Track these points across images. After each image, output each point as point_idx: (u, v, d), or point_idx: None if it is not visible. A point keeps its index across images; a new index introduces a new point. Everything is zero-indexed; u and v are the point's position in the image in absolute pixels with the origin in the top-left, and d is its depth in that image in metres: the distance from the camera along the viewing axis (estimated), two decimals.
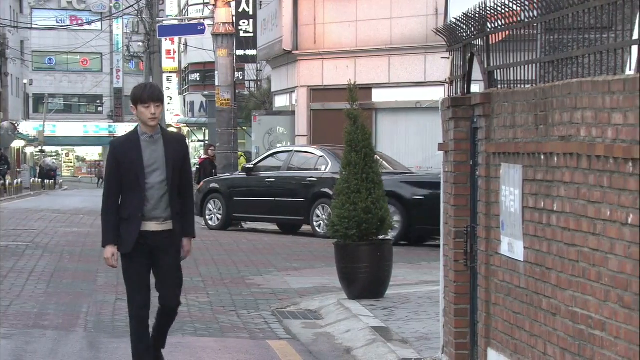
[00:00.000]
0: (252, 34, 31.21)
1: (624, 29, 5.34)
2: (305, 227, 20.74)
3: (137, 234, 6.94)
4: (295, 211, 20.47)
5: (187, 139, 55.80)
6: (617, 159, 4.93)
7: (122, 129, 79.73)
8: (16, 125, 61.26)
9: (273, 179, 21.01)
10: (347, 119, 11.34)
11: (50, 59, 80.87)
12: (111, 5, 72.35)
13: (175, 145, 7.06)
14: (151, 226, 6.97)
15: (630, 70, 5.45)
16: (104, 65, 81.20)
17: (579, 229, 5.39)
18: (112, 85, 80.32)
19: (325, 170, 20.29)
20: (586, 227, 5.31)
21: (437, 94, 14.06)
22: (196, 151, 52.09)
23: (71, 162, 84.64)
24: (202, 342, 9.06)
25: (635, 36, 5.38)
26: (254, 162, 22.29)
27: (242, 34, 30.79)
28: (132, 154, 6.94)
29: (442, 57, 8.87)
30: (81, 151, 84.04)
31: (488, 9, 7.07)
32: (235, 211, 21.75)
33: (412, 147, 25.08)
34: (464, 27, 7.73)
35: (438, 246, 8.24)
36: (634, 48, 5.35)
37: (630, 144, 4.81)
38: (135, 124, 7.27)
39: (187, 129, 55.97)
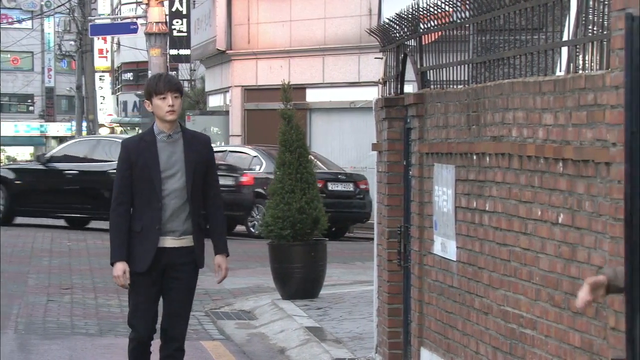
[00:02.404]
0: (185, 34, 31.03)
1: (554, 30, 5.40)
2: (240, 228, 20.69)
3: (155, 250, 5.98)
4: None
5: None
6: (548, 159, 4.98)
7: (54, 128, 78.84)
8: None
9: None
10: (281, 119, 11.33)
11: None
12: (42, 3, 71.58)
13: (198, 146, 6.06)
14: (167, 242, 6.01)
15: (560, 71, 5.51)
16: (35, 64, 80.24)
17: (511, 228, 5.44)
18: (44, 84, 79.38)
19: (259, 170, 20.27)
20: (517, 226, 5.36)
21: (371, 94, 14.07)
22: None
23: (1, 162, 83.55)
24: None
25: (565, 37, 5.44)
26: None
27: (175, 33, 30.60)
28: (147, 156, 5.98)
29: (375, 58, 8.91)
30: (12, 151, 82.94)
31: (421, 9, 7.10)
32: None
33: (346, 147, 25.14)
34: (397, 27, 7.77)
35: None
36: (564, 49, 5.41)
37: (560, 144, 4.87)
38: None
39: (121, 128, 55.55)
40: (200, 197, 6.04)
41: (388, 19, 7.98)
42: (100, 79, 57.94)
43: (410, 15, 7.39)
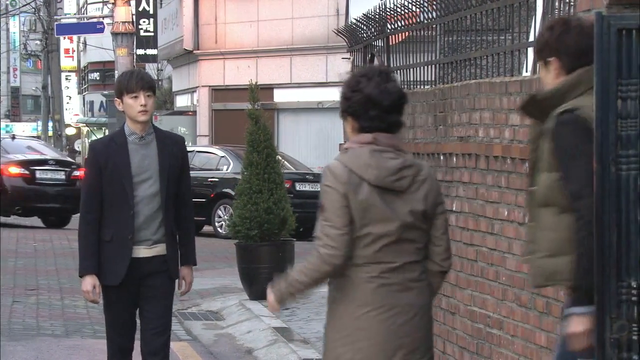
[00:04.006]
0: (152, 33, 30.93)
1: (521, 31, 5.43)
2: (207, 228, 20.65)
3: (128, 261, 5.56)
4: (197, 211, 20.39)
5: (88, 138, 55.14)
6: (514, 159, 5.00)
7: (20, 128, 78.37)
8: None
9: None
10: (249, 119, 11.31)
11: None
12: (7, 2, 71.12)
13: (172, 148, 5.65)
14: (140, 251, 5.60)
15: (526, 71, 5.54)
16: (0, 63, 79.72)
17: (478, 228, 5.46)
18: (9, 84, 78.87)
19: (227, 170, 20.24)
20: (484, 226, 5.38)
21: (339, 95, 14.05)
22: None
23: None
24: (102, 345, 8.89)
25: (531, 38, 5.47)
26: None
27: (142, 33, 30.49)
28: (117, 159, 5.55)
29: (343, 58, 8.92)
30: None
31: (388, 10, 7.11)
32: None
33: (313, 147, 25.16)
34: (365, 28, 7.78)
35: None
36: (530, 50, 5.44)
37: (527, 144, 4.89)
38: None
39: (87, 128, 55.30)
40: (174, 204, 5.67)
41: (355, 19, 7.99)
42: (67, 79, 57.65)
43: (377, 16, 7.40)
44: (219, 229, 19.94)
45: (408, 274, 3.93)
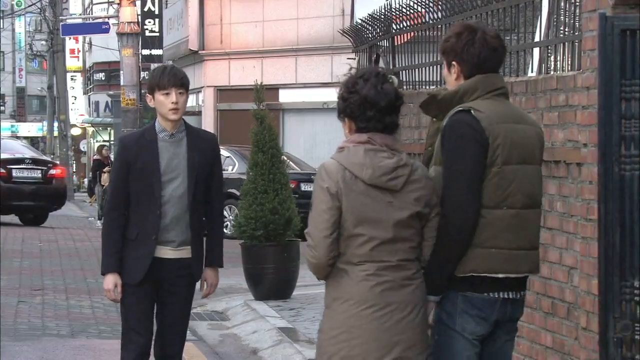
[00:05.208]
0: (157, 34, 30.97)
1: (526, 31, 5.43)
2: None
3: (150, 260, 5.39)
4: None
5: (93, 138, 55.20)
6: None
7: (25, 128, 78.58)
8: None
9: None
10: (254, 119, 11.32)
11: None
12: (13, 2, 71.21)
13: (203, 146, 5.46)
14: (164, 252, 5.44)
15: (532, 72, 5.54)
16: (6, 64, 79.84)
17: None
18: (15, 84, 79.00)
19: (232, 170, 20.26)
20: None
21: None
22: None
23: None
24: (107, 345, 8.96)
25: (536, 38, 5.47)
26: None
27: (147, 33, 30.53)
28: (146, 157, 5.37)
29: (348, 58, 8.92)
30: None
31: (393, 10, 7.12)
32: None
33: (319, 148, 25.16)
34: (370, 28, 7.79)
35: None
36: (536, 50, 5.44)
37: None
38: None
39: (92, 129, 55.35)
40: (202, 204, 5.51)
41: (361, 19, 7.99)
42: (72, 79, 57.71)
43: (382, 16, 7.41)
44: (224, 229, 19.96)
45: (403, 272, 3.97)
